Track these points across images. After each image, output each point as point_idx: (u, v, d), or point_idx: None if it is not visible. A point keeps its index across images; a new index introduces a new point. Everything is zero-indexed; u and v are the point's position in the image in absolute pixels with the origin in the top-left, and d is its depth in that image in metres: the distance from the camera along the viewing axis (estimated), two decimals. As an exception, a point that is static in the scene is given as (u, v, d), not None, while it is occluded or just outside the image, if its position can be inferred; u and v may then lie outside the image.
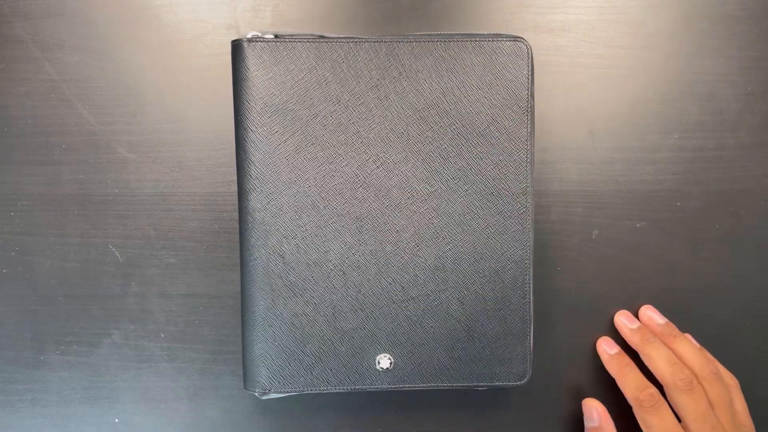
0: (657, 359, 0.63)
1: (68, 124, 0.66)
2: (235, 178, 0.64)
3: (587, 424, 0.66)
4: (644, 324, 0.67)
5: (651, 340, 0.64)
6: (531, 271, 0.59)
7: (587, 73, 0.67)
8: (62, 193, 0.66)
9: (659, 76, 0.68)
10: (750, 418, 0.63)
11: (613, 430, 0.64)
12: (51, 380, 0.66)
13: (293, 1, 0.67)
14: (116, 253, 0.66)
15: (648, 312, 0.67)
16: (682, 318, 0.67)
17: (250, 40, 0.58)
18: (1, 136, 0.66)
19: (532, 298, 0.60)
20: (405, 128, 0.58)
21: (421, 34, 0.58)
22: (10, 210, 0.66)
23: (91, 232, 0.66)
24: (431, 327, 0.59)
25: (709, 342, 0.67)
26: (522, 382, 0.60)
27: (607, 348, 0.67)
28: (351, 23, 0.67)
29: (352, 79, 0.58)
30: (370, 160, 0.58)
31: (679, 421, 0.61)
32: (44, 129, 0.66)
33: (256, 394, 0.59)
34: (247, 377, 0.60)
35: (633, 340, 0.65)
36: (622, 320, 0.67)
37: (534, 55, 0.65)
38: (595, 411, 0.66)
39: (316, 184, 0.58)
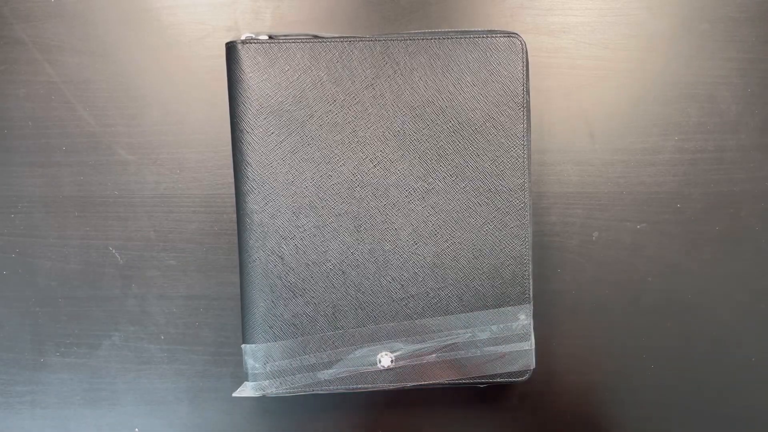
0: None
1: (68, 126, 0.66)
2: (235, 179, 0.64)
3: None
4: None
5: None
6: (530, 267, 0.59)
7: (587, 75, 0.67)
8: (62, 195, 0.66)
9: (659, 78, 0.68)
10: None
11: None
12: (51, 382, 0.66)
13: (293, 2, 0.67)
14: (116, 254, 0.66)
15: None
16: (682, 319, 0.67)
17: (244, 42, 0.58)
18: (1, 138, 0.66)
19: (531, 294, 0.60)
20: (401, 126, 0.58)
21: (415, 32, 0.59)
22: (11, 212, 0.66)
23: (92, 233, 0.66)
24: (431, 324, 0.59)
25: (709, 343, 0.67)
26: (523, 378, 0.60)
27: None
28: (351, 25, 0.67)
29: (347, 78, 0.58)
30: (367, 159, 0.58)
31: None
32: (44, 131, 0.66)
33: (255, 394, 0.59)
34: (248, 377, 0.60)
35: None
36: None
37: (534, 57, 0.65)
38: None
39: (313, 185, 0.58)
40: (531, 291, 0.60)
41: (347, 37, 0.58)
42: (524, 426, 0.67)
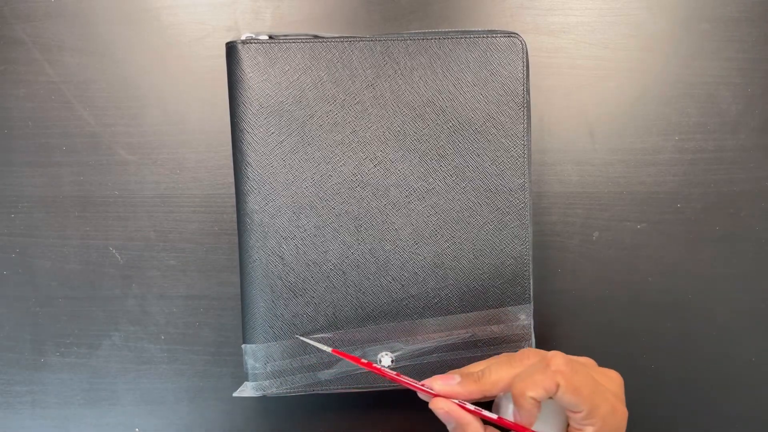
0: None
1: (68, 126, 0.66)
2: (235, 179, 0.64)
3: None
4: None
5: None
6: (531, 266, 0.59)
7: (587, 75, 0.67)
8: (62, 195, 0.66)
9: (659, 78, 0.68)
10: None
11: (476, 427, 0.51)
12: (51, 382, 0.66)
13: (293, 2, 0.67)
14: (116, 254, 0.66)
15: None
16: (682, 319, 0.67)
17: (244, 42, 0.58)
18: (1, 138, 0.66)
19: (532, 294, 0.60)
20: (401, 126, 0.58)
21: (415, 32, 0.59)
22: (11, 212, 0.66)
23: (92, 233, 0.66)
24: (431, 324, 0.59)
25: (709, 343, 0.67)
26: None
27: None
28: (351, 24, 0.67)
29: (348, 78, 0.58)
30: (367, 159, 0.58)
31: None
32: (44, 131, 0.66)
33: (255, 394, 0.59)
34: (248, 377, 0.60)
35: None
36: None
37: (534, 57, 0.65)
38: (443, 413, 0.51)
39: (313, 185, 0.58)
40: (531, 291, 0.60)
41: (347, 37, 0.58)
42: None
